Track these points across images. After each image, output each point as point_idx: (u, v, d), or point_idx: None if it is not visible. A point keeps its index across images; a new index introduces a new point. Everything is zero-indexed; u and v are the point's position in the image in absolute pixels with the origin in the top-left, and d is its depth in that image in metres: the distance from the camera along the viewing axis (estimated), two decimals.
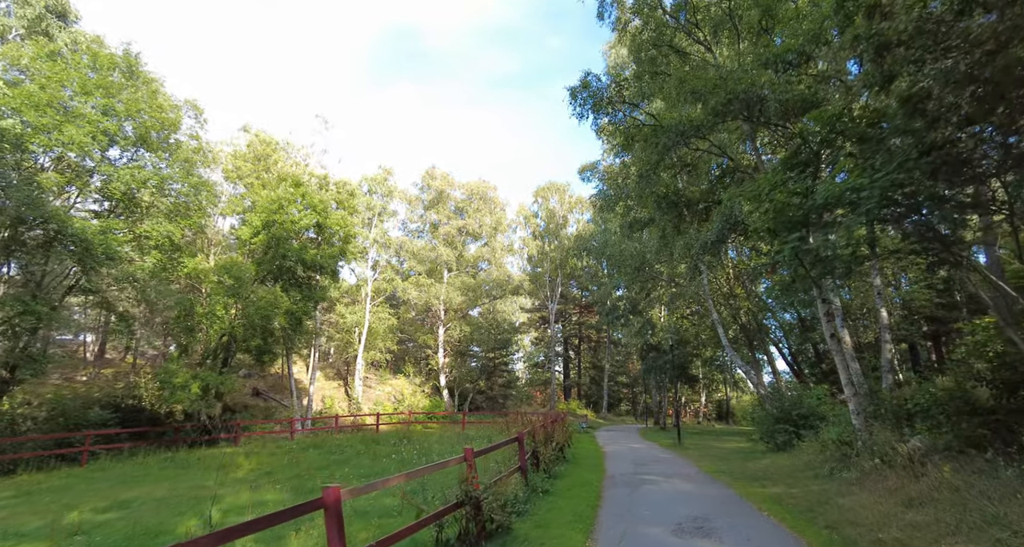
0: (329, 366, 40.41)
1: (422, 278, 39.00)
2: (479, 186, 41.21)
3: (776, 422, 16.81)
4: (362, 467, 17.21)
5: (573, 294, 58.26)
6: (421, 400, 38.12)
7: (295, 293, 22.69)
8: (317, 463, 18.23)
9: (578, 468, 14.49)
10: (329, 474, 15.71)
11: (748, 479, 11.76)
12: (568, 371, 60.14)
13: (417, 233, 42.22)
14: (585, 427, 33.42)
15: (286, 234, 22.06)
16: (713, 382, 56.74)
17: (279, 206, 21.91)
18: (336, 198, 26.10)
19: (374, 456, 18.72)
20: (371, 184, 36.04)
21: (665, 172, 13.49)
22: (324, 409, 33.07)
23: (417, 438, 24.72)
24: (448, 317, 39.70)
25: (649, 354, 36.01)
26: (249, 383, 33.39)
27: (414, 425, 32.72)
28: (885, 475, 8.19)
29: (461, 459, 7.30)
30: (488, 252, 41.74)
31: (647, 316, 36.13)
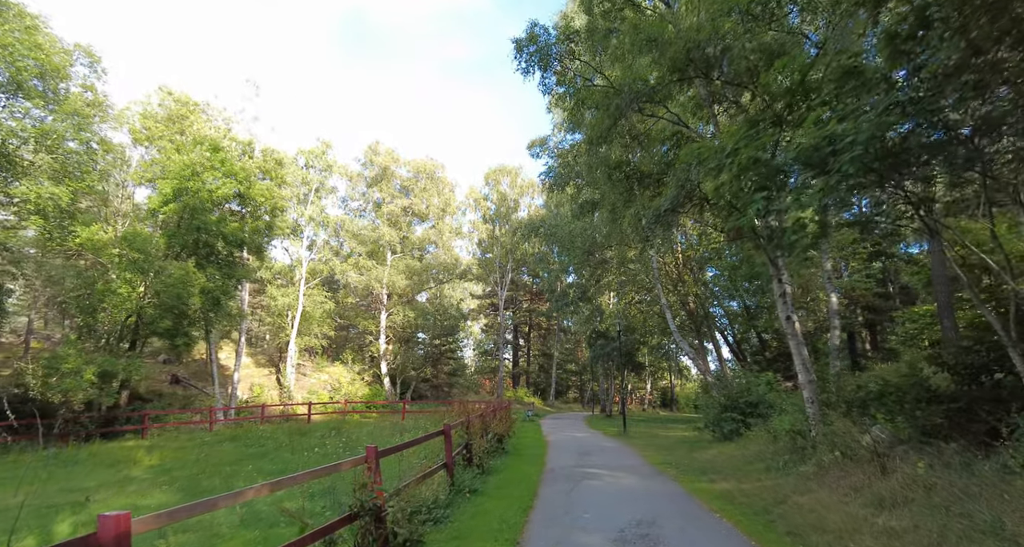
0: (261, 352, 37.78)
1: (363, 260, 36.82)
2: (426, 164, 39.16)
3: (723, 410, 16.24)
4: (279, 462, 15.53)
5: (524, 281, 57.34)
6: (360, 389, 36.19)
7: (213, 270, 20.37)
8: (230, 457, 16.38)
9: (517, 460, 13.36)
10: (236, 470, 13.98)
11: (696, 472, 10.93)
12: (517, 359, 59.37)
13: (359, 212, 39.91)
14: (531, 415, 32.59)
15: (202, 204, 19.68)
16: (659, 370, 57.42)
17: (192, 172, 19.44)
18: (262, 167, 23.67)
19: (295, 450, 17.03)
20: (308, 157, 33.44)
21: (617, 142, 12.37)
22: (252, 398, 30.72)
23: (349, 429, 23.05)
24: (392, 302, 37.77)
25: (597, 341, 35.49)
26: (168, 370, 30.61)
27: (351, 415, 30.95)
28: (847, 470, 7.38)
29: (360, 460, 5.91)
30: (435, 234, 39.92)
31: (596, 303, 35.55)
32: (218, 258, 21.58)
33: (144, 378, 28.66)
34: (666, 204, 9.18)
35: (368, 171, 38.77)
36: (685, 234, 25.40)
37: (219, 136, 22.02)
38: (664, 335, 33.22)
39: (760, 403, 15.68)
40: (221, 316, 23.00)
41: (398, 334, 38.99)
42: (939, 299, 16.78)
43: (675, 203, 9.19)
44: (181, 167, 19.08)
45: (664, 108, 10.95)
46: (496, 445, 14.56)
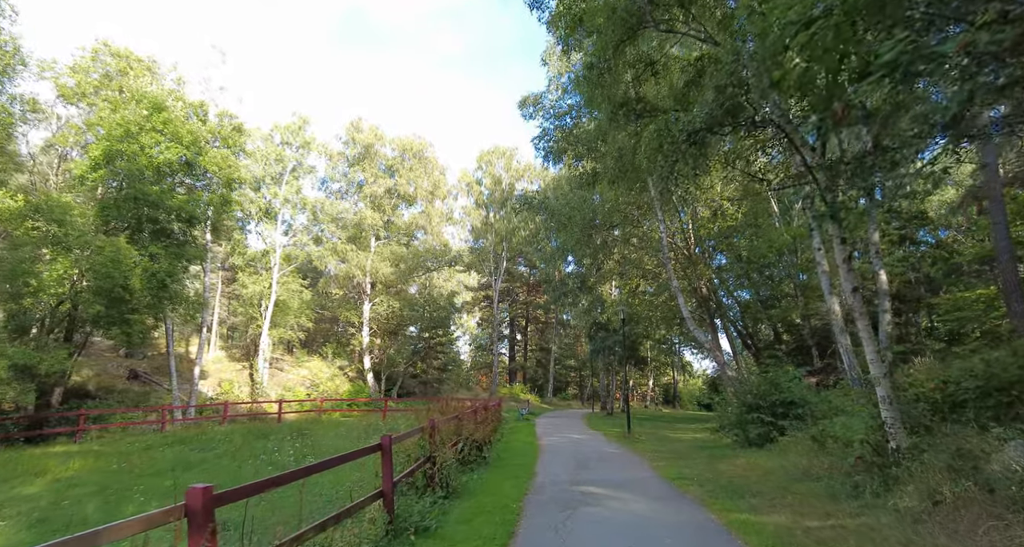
0: (236, 346, 35.17)
1: (341, 244, 34.09)
2: (412, 142, 36.31)
3: (748, 410, 13.60)
4: (215, 473, 12.96)
5: (520, 272, 54.72)
6: (342, 385, 33.58)
7: (156, 249, 17.71)
8: (161, 466, 13.78)
9: (499, 474, 10.74)
10: (150, 485, 11.39)
11: (727, 493, 8.30)
12: (514, 354, 56.82)
13: (340, 194, 37.09)
14: (526, 413, 29.99)
15: (140, 172, 17.01)
16: (661, 365, 54.82)
17: (126, 133, 16.76)
18: (217, 132, 20.87)
19: (242, 457, 14.43)
20: (283, 134, 30.72)
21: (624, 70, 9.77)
22: (221, 394, 28.13)
23: (319, 431, 20.46)
24: (376, 291, 35.08)
25: (598, 334, 32.88)
26: (128, 364, 27.99)
27: (329, 414, 28.37)
28: (988, 509, 4.72)
29: (165, 513, 3.26)
30: (423, 219, 37.16)
31: (597, 292, 32.92)
32: (167, 236, 18.92)
33: (98, 373, 26.11)
34: (700, 118, 6.57)
35: (350, 150, 35.97)
36: (695, 213, 22.75)
37: (163, 95, 19.27)
38: (670, 327, 30.61)
39: (793, 403, 13.06)
40: (176, 303, 20.34)
41: (383, 326, 36.32)
42: (1006, 279, 14.18)
43: (711, 120, 6.59)
44: (112, 126, 16.40)
45: (687, 13, 8.32)
46: (475, 455, 11.97)
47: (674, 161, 7.40)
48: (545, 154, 19.03)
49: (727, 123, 6.84)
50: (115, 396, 23.51)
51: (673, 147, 7.10)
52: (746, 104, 6.64)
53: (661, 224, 17.88)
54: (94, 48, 19.12)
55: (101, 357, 28.03)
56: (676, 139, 6.96)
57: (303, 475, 5.02)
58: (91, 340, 28.31)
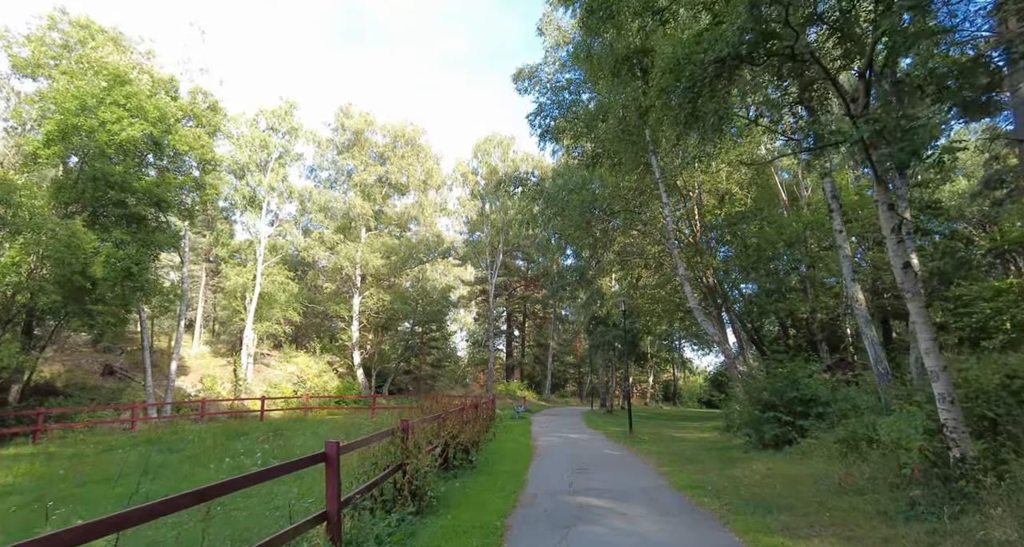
0: (220, 341, 33.83)
1: (328, 234, 32.72)
2: (404, 129, 34.84)
3: (763, 409, 12.32)
4: (168, 478, 11.67)
5: (518, 266, 53.44)
6: (331, 381, 32.27)
7: (121, 234, 16.33)
8: (116, 469, 12.48)
9: (485, 482, 9.45)
10: (92, 494, 10.10)
11: (752, 508, 7.03)
12: (511, 350, 55.57)
13: (329, 183, 35.65)
14: (522, 411, 28.74)
15: (100, 149, 15.63)
16: (661, 362, 53.63)
17: (82, 106, 15.35)
18: (189, 110, 19.34)
19: (206, 461, 13.12)
20: (269, 119, 29.31)
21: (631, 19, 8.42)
22: (203, 391, 26.83)
23: (299, 430, 19.21)
24: (366, 284, 33.72)
25: (597, 328, 31.65)
26: (104, 359, 26.66)
27: (317, 411, 27.09)
28: None
29: None
30: (416, 210, 35.75)
31: (596, 286, 31.65)
32: (138, 222, 17.55)
33: (69, 369, 24.81)
34: (732, 36, 5.27)
35: (339, 136, 34.52)
36: (700, 200, 21.44)
37: (126, 66, 17.81)
38: (672, 321, 29.33)
39: (813, 400, 11.79)
40: (149, 293, 18.99)
41: (373, 321, 34.98)
42: None
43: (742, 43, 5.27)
44: (67, 98, 15.01)
45: None
46: (461, 457, 10.70)
47: (695, 95, 6.10)
48: (542, 133, 17.70)
49: (760, 54, 5.56)
50: (86, 393, 22.20)
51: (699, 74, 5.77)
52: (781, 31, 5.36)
53: (666, 208, 16.58)
54: (51, 16, 17.66)
55: (76, 352, 26.69)
56: (703, 62, 5.64)
57: (210, 497, 3.74)
58: (62, 335, 27.00)
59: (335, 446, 4.96)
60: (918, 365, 11.02)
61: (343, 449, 5.27)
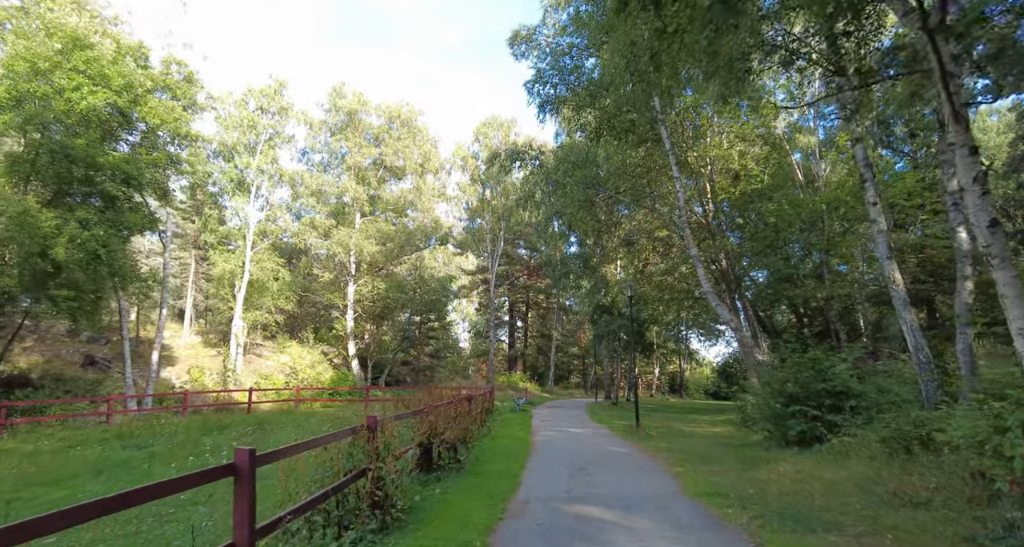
0: (211, 330, 32.73)
1: (320, 219, 31.43)
2: (400, 109, 33.35)
3: (787, 402, 11.02)
4: (122, 479, 10.51)
5: (520, 255, 52.11)
6: (325, 372, 31.15)
7: (86, 214, 15.09)
8: (71, 468, 11.29)
9: (470, 486, 8.21)
10: (29, 498, 8.93)
11: (791, 525, 5.75)
12: (513, 340, 54.38)
13: (322, 167, 34.28)
14: (523, 403, 27.50)
15: (58, 120, 14.37)
16: (668, 353, 52.32)
17: (32, 68, 14.02)
18: (159, 81, 17.92)
19: (171, 459, 11.96)
20: (258, 98, 27.95)
21: None
22: (190, 381, 25.75)
23: (287, 422, 18.09)
24: (361, 272, 32.45)
25: (602, 318, 30.37)
26: (86, 349, 25.60)
27: (309, 404, 26.00)
28: None
29: None
30: (414, 194, 34.35)
31: (600, 273, 30.32)
32: (109, 201, 16.32)
33: (48, 360, 23.76)
34: None
35: (331, 117, 33.10)
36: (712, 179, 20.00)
37: (86, 29, 16.46)
38: (680, 310, 27.99)
39: (846, 393, 10.47)
40: (124, 279, 17.77)
41: (369, 310, 33.76)
42: None
43: None
44: (15, 60, 13.70)
45: None
46: (447, 457, 9.47)
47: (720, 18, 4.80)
48: (541, 103, 16.30)
49: None
50: (63, 385, 21.12)
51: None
52: None
53: (677, 181, 15.19)
54: None
55: (57, 342, 25.66)
56: None
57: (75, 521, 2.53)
58: (42, 324, 25.91)
59: (247, 455, 3.70)
60: (966, 354, 9.67)
61: (267, 458, 4.01)
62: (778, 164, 21.27)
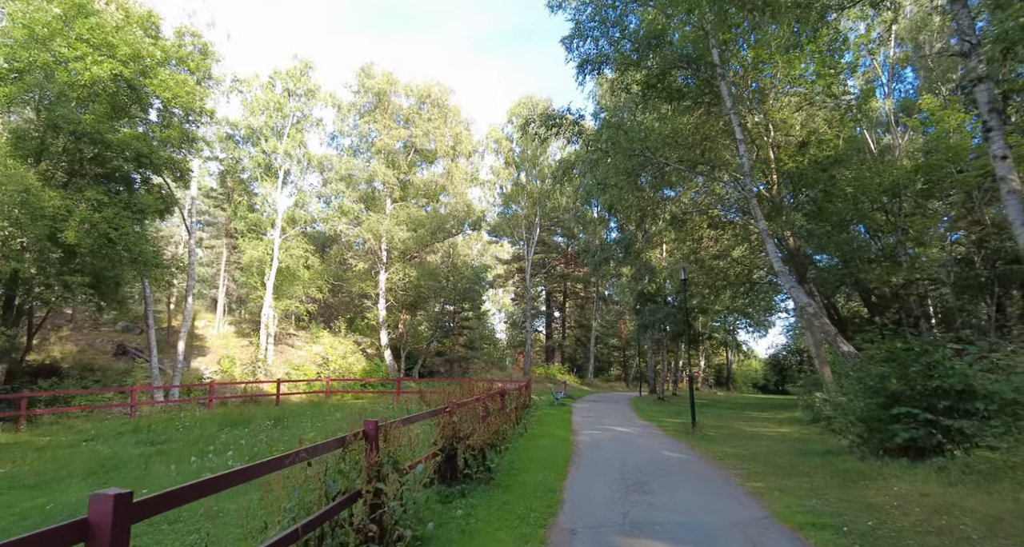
0: (243, 320, 32.37)
1: (350, 205, 30.42)
2: (431, 88, 31.82)
3: (890, 402, 9.00)
4: (117, 480, 9.47)
5: (557, 243, 50.25)
6: (357, 363, 30.30)
7: (95, 194, 14.27)
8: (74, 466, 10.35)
9: (499, 505, 6.65)
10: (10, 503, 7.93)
11: None
12: (551, 331, 52.70)
13: (352, 151, 33.25)
14: (562, 396, 25.90)
15: (62, 92, 13.52)
16: (715, 344, 49.59)
17: (30, 34, 13.14)
18: (172, 52, 16.88)
19: (178, 457, 10.92)
20: (284, 81, 27.03)
21: None
22: (220, 372, 25.26)
23: (306, 416, 17.05)
24: (393, 259, 31.35)
25: (645, 307, 28.33)
26: (120, 338, 25.43)
27: (341, 395, 25.11)
28: None
29: None
30: (445, 179, 32.92)
31: (644, 259, 28.25)
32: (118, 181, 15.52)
33: (82, 349, 23.60)
34: None
35: (360, 98, 31.95)
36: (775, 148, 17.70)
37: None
38: (736, 296, 25.68)
39: (971, 393, 8.39)
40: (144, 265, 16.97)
41: (401, 299, 32.69)
42: None
43: None
44: (14, 28, 12.84)
45: None
46: (475, 465, 7.94)
47: None
48: (580, 63, 14.45)
49: None
50: (94, 375, 20.79)
51: None
52: None
53: (740, 145, 13.07)
54: None
55: (93, 331, 25.59)
56: None
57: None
58: (77, 313, 25.83)
59: (110, 506, 2.21)
60: None
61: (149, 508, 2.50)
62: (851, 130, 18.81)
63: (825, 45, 14.33)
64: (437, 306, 33.62)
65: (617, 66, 15.10)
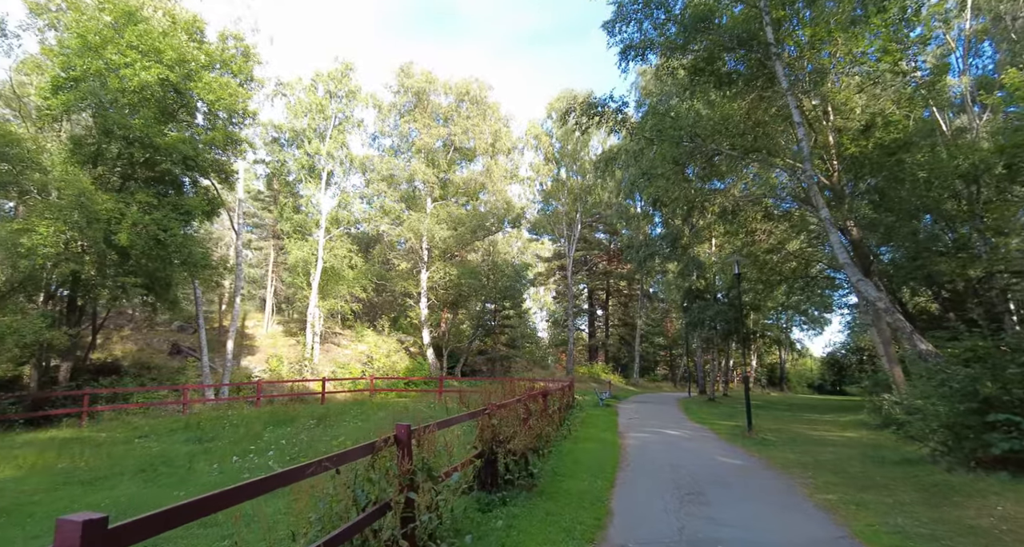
0: (293, 320, 33.10)
1: (391, 204, 30.55)
2: (469, 85, 31.56)
3: (984, 408, 8.03)
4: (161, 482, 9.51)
5: (599, 240, 49.26)
6: (401, 361, 30.46)
7: (145, 197, 14.68)
8: (122, 464, 10.58)
9: (541, 517, 6.17)
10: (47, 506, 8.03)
11: None
12: (593, 330, 51.73)
13: (393, 151, 33.47)
14: (607, 397, 25.20)
15: (113, 97, 13.95)
16: (768, 342, 47.44)
17: (83, 43, 13.60)
18: (216, 56, 17.22)
19: (222, 456, 10.98)
20: (326, 83, 27.40)
21: None
22: (268, 370, 25.83)
23: (349, 415, 17.07)
24: (434, 258, 31.35)
25: (694, 304, 27.24)
26: (175, 338, 26.37)
27: (385, 393, 25.23)
28: None
29: None
30: (484, 177, 32.65)
31: (692, 254, 27.15)
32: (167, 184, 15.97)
33: (140, 348, 24.57)
34: None
35: (400, 98, 32.07)
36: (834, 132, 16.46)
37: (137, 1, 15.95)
38: (792, 292, 24.27)
39: None
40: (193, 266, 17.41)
41: (442, 298, 32.67)
42: None
43: None
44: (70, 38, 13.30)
45: None
46: (516, 469, 7.50)
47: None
48: (623, 50, 13.76)
49: None
50: (150, 373, 21.58)
51: None
52: None
53: (800, 127, 12.07)
54: None
55: (151, 331, 26.67)
56: None
57: None
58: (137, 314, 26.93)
59: (77, 533, 1.88)
60: None
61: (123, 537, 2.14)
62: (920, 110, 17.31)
63: (894, 17, 13.16)
64: (478, 305, 33.45)
65: (662, 51, 14.35)
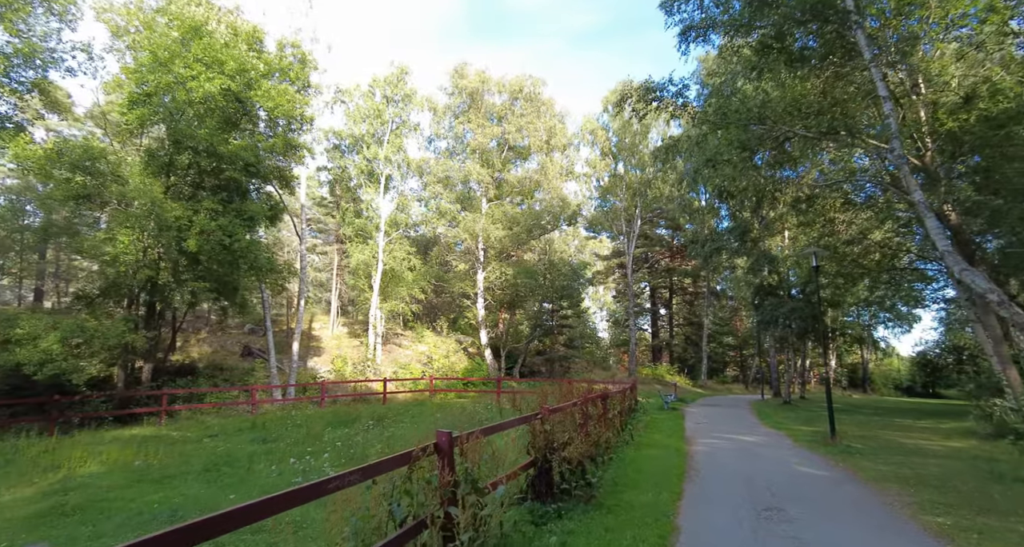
0: (357, 322, 34.00)
1: (444, 204, 30.66)
2: (523, 82, 31.11)
3: None
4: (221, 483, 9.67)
5: (660, 236, 47.57)
6: (460, 361, 30.55)
7: (211, 204, 15.32)
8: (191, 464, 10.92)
9: (600, 532, 5.64)
10: (122, 504, 8.28)
11: None
12: (656, 329, 50.02)
13: (448, 153, 33.64)
14: (672, 400, 24.11)
15: (180, 109, 14.65)
16: (849, 341, 44.04)
17: (154, 58, 14.32)
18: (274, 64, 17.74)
19: (281, 457, 11.13)
20: (383, 88, 27.91)
21: None
22: (333, 371, 26.56)
23: (407, 416, 17.12)
24: (490, 258, 31.23)
25: (765, 300, 25.58)
26: (247, 340, 27.64)
27: (445, 394, 25.33)
28: None
29: None
30: (539, 174, 32.16)
31: (763, 248, 25.50)
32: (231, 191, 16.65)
33: (215, 350, 25.85)
34: None
35: (454, 100, 32.23)
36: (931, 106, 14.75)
37: (201, 15, 16.69)
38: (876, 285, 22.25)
39: None
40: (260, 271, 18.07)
41: (499, 298, 32.50)
42: None
43: None
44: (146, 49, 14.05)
45: None
46: (574, 478, 7.00)
47: None
48: (683, 30, 12.90)
49: None
50: (223, 374, 22.68)
51: None
52: None
53: (886, 102, 10.77)
54: None
55: (225, 333, 28.10)
56: None
57: None
58: (213, 317, 28.41)
59: None
60: None
61: None
62: None
63: None
64: (535, 304, 33.05)
65: (725, 30, 13.37)
